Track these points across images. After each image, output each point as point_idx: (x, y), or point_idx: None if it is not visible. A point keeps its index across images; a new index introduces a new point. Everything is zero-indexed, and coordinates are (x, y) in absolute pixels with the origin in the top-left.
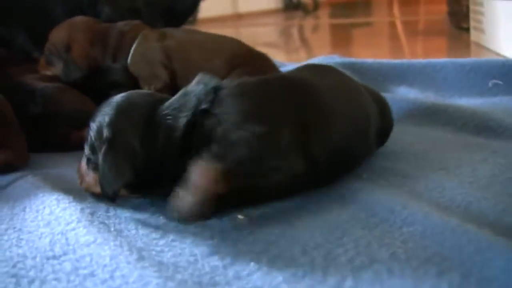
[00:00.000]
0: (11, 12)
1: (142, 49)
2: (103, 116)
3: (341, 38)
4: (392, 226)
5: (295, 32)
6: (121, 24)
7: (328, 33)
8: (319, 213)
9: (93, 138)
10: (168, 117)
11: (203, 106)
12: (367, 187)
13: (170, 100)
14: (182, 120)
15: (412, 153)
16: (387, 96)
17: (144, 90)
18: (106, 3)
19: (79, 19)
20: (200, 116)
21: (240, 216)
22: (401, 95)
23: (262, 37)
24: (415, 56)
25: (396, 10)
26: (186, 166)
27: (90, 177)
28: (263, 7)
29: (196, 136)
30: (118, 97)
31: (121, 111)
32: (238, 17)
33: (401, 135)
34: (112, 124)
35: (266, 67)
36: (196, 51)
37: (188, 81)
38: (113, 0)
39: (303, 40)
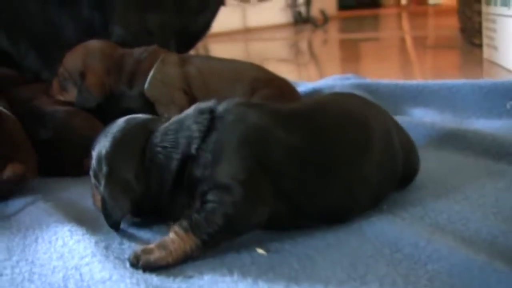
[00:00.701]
0: (20, 30)
1: (161, 75)
2: (101, 148)
3: (350, 52)
4: (417, 263)
5: (304, 46)
6: (138, 52)
7: (337, 47)
8: (338, 246)
9: (95, 166)
10: (160, 155)
11: (193, 148)
12: (387, 219)
13: (162, 131)
14: (173, 165)
15: (433, 181)
16: (404, 119)
17: (141, 115)
18: (118, 24)
19: (94, 44)
20: (190, 160)
21: (259, 250)
22: (418, 119)
23: (271, 52)
24: (426, 72)
25: (405, 24)
26: (180, 202)
27: (99, 198)
28: (272, 22)
29: (186, 180)
30: (115, 127)
31: (116, 145)
32: (247, 32)
33: (421, 161)
34: (108, 158)
35: (286, 88)
36: (216, 78)
37: None
38: (125, 21)
39: (313, 55)
